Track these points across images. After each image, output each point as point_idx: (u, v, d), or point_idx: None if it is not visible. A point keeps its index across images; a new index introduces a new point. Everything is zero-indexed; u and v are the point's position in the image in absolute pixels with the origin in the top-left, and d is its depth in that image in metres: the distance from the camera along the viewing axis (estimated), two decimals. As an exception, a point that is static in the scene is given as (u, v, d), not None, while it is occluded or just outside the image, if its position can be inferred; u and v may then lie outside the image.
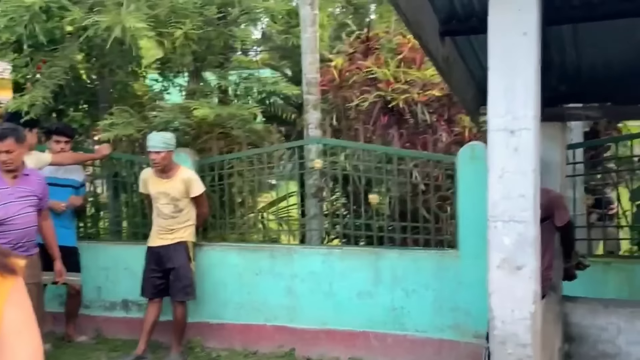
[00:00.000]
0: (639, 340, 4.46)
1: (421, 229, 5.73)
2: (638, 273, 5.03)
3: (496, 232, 2.52)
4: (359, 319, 5.75)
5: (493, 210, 2.53)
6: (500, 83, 2.52)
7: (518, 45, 2.48)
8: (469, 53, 4.30)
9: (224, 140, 6.66)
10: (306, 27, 6.49)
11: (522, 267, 2.50)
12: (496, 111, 2.53)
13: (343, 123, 6.73)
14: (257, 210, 6.81)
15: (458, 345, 5.48)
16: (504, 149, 2.51)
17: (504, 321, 2.54)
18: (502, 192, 2.51)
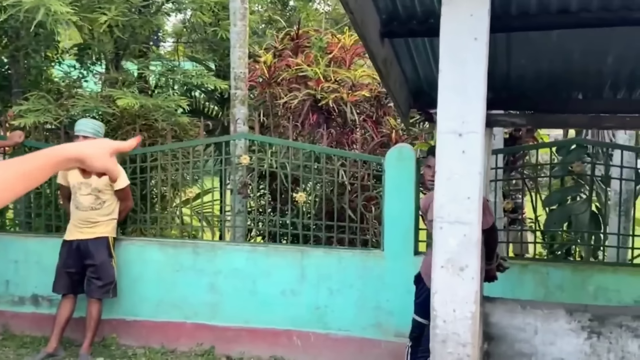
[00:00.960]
0: (554, 341, 4.64)
1: (347, 229, 5.76)
2: (552, 275, 5.26)
3: (442, 233, 2.56)
4: (282, 318, 5.73)
5: (440, 211, 2.57)
6: (450, 87, 2.56)
7: (469, 49, 2.53)
8: (405, 56, 4.36)
9: (147, 132, 6.47)
10: (236, 21, 6.40)
11: (465, 267, 2.55)
12: (446, 114, 2.57)
13: (270, 120, 6.68)
14: (179, 205, 6.66)
15: (379, 344, 5.56)
16: (452, 151, 2.55)
17: (446, 320, 2.58)
18: (449, 194, 2.55)
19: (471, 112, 2.54)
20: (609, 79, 4.57)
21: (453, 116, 2.56)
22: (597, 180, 6.47)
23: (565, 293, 5.19)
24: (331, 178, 5.88)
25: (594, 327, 4.51)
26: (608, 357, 4.52)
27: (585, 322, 4.53)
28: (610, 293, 5.14)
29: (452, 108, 2.56)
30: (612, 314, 4.50)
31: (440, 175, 2.59)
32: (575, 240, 6.51)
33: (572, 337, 4.54)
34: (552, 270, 5.29)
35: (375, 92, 6.34)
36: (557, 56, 4.22)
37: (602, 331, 4.52)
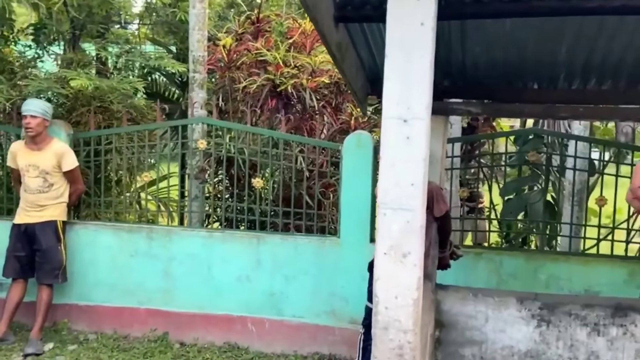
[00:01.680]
0: (504, 329, 4.69)
1: (304, 215, 5.74)
2: (506, 264, 5.30)
3: (385, 219, 2.54)
4: (237, 304, 5.70)
5: (383, 197, 2.55)
6: (396, 72, 2.54)
7: (415, 35, 2.51)
8: (361, 41, 4.33)
9: (102, 114, 6.34)
10: (195, 3, 6.30)
11: (407, 254, 2.54)
12: (391, 99, 2.55)
13: (229, 104, 6.60)
14: (134, 190, 6.55)
15: (334, 331, 5.56)
16: (397, 137, 2.52)
17: (388, 307, 2.57)
18: (393, 180, 2.53)
19: (416, 98, 2.52)
20: (564, 69, 4.59)
21: (397, 102, 2.54)
22: (552, 170, 6.56)
23: (518, 281, 5.24)
24: (289, 164, 5.84)
25: (544, 315, 4.57)
26: (557, 345, 4.58)
27: (536, 311, 4.58)
28: (562, 282, 5.21)
29: (397, 94, 2.54)
30: (561, 302, 4.55)
31: (384, 161, 2.57)
32: (530, 230, 6.58)
33: (522, 325, 4.59)
34: (505, 259, 5.34)
35: (335, 78, 6.30)
36: (511, 45, 4.22)
37: (551, 319, 4.57)
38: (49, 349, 5.46)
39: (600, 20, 3.65)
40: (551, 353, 4.60)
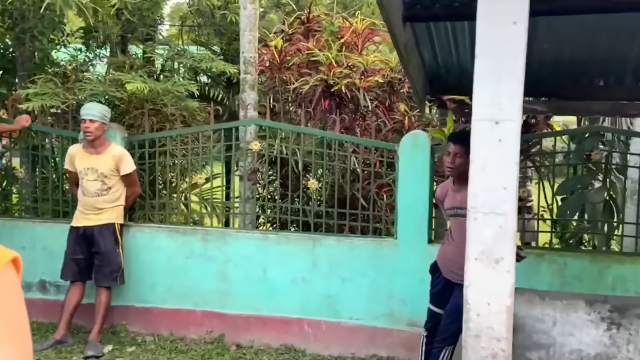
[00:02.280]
0: (572, 332, 4.56)
1: (359, 216, 5.68)
2: (570, 265, 5.18)
3: (476, 224, 2.48)
4: (293, 306, 5.67)
5: (473, 201, 2.48)
6: (486, 73, 2.47)
7: (507, 34, 2.44)
8: (425, 41, 4.27)
9: (155, 116, 6.36)
10: (246, 4, 6.28)
11: (500, 260, 2.47)
12: (481, 101, 2.48)
13: (280, 105, 6.57)
14: (185, 191, 6.57)
15: (392, 333, 5.50)
16: (488, 139, 2.46)
17: (480, 314, 2.51)
18: (484, 184, 2.47)
19: (508, 99, 2.45)
20: (632, 66, 4.48)
21: (489, 103, 2.47)
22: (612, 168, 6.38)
23: (583, 283, 5.11)
24: (343, 165, 5.79)
25: (614, 318, 4.44)
26: (627, 349, 4.45)
27: (605, 314, 4.45)
28: (629, 283, 5.07)
29: (488, 95, 2.47)
30: (632, 304, 4.42)
31: (474, 164, 2.50)
32: (587, 229, 6.42)
33: (591, 329, 4.47)
34: (569, 260, 5.21)
35: (387, 77, 6.23)
36: (579, 43, 4.13)
37: (622, 322, 4.44)
38: (108, 350, 5.50)
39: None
40: (621, 357, 4.48)
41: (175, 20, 8.71)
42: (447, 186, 4.67)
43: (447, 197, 4.60)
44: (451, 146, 4.32)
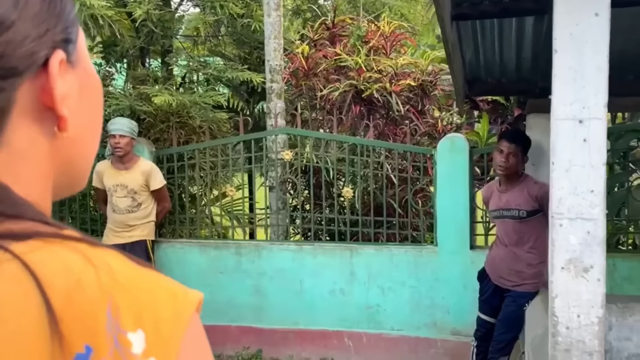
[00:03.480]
0: (629, 337, 4.37)
1: (397, 224, 5.52)
2: (619, 266, 5.01)
3: (561, 231, 2.32)
4: (332, 318, 5.52)
5: (558, 207, 2.32)
6: (568, 68, 2.31)
7: (589, 27, 2.28)
8: (468, 40, 4.12)
9: (182, 129, 6.22)
10: (270, 11, 6.15)
11: (589, 268, 2.31)
12: (563, 99, 2.32)
13: (308, 113, 6.43)
14: (212, 204, 6.42)
15: (435, 343, 5.34)
16: (572, 139, 2.30)
17: (569, 327, 2.34)
18: (569, 187, 2.30)
19: (592, 96, 2.29)
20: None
21: (571, 101, 2.31)
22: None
23: (634, 285, 4.94)
24: (377, 171, 5.63)
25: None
26: (689, 353, 4.29)
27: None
28: (683, 284, 4.90)
29: (570, 92, 2.31)
30: (692, 306, 4.26)
31: (557, 167, 2.34)
32: (626, 229, 6.24)
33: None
34: (618, 261, 5.04)
35: (419, 81, 6.08)
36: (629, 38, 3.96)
37: (682, 325, 4.28)
38: (145, 371, 5.33)
39: None
40: (682, 361, 4.32)
41: (189, 31, 8.55)
42: (492, 187, 4.51)
43: (492, 198, 4.45)
44: (505, 144, 4.15)
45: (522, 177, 4.30)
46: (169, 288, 0.61)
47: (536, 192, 4.21)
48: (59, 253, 0.55)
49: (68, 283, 0.54)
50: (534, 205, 4.21)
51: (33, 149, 0.61)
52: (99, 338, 0.53)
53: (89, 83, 0.65)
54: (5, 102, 0.56)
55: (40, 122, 0.60)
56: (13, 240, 0.54)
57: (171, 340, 0.57)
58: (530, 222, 4.21)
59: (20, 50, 0.56)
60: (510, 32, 3.97)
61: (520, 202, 4.21)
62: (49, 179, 0.63)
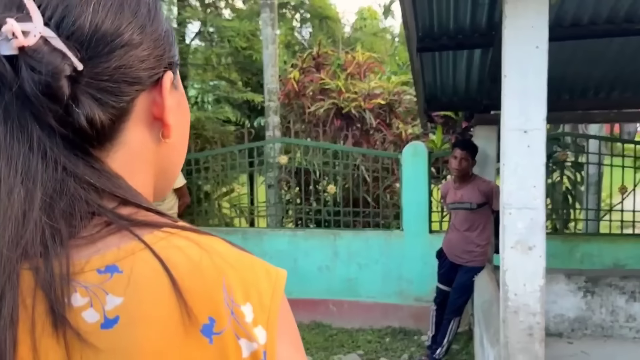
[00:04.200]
0: (555, 300, 4.45)
1: (371, 214, 5.52)
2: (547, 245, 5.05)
3: (511, 218, 2.33)
4: (319, 289, 5.49)
5: (508, 199, 2.34)
6: (514, 89, 2.33)
7: (531, 56, 2.29)
8: (429, 67, 4.12)
9: (197, 139, 6.16)
10: (268, 45, 6.11)
11: (533, 247, 2.33)
12: (511, 113, 2.34)
13: (299, 126, 6.39)
14: (226, 199, 6.37)
15: (402, 308, 5.34)
16: (518, 146, 2.31)
17: (517, 294, 2.36)
18: (516, 183, 2.32)
19: (535, 111, 2.31)
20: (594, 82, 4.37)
21: (518, 115, 2.32)
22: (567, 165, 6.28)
23: (557, 260, 4.99)
24: (354, 172, 5.63)
25: (589, 287, 4.34)
26: (600, 312, 4.34)
27: (582, 284, 4.35)
28: (594, 258, 4.97)
29: (517, 108, 2.33)
30: (603, 276, 4.32)
31: (507, 168, 2.35)
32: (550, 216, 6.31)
33: (570, 297, 4.36)
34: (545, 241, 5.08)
35: (387, 100, 6.08)
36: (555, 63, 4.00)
37: (595, 290, 4.34)
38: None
39: (635, 40, 3.42)
40: (596, 318, 4.37)
41: (200, 60, 8.48)
42: (449, 184, 4.54)
43: (449, 193, 4.47)
44: (458, 151, 4.18)
45: (472, 176, 4.33)
46: (264, 267, 0.60)
47: (484, 188, 4.25)
48: (177, 242, 0.54)
49: (188, 267, 0.52)
50: (482, 199, 4.25)
51: (145, 151, 0.59)
52: (219, 310, 0.52)
53: (183, 103, 0.64)
54: (128, 105, 0.56)
55: (150, 128, 0.59)
56: (146, 231, 0.53)
57: (271, 310, 0.56)
58: (479, 212, 4.25)
59: (144, 64, 0.56)
60: (462, 61, 3.98)
61: (471, 196, 4.24)
62: (152, 181, 0.62)
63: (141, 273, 0.51)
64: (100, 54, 0.53)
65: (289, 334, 0.59)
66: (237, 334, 0.52)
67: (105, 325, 0.49)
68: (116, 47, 0.53)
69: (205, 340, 0.50)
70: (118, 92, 0.54)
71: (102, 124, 0.53)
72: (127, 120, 0.56)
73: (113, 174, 0.55)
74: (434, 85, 4.51)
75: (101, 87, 0.53)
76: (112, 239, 0.52)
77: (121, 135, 0.56)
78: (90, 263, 0.51)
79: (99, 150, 0.55)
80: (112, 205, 0.53)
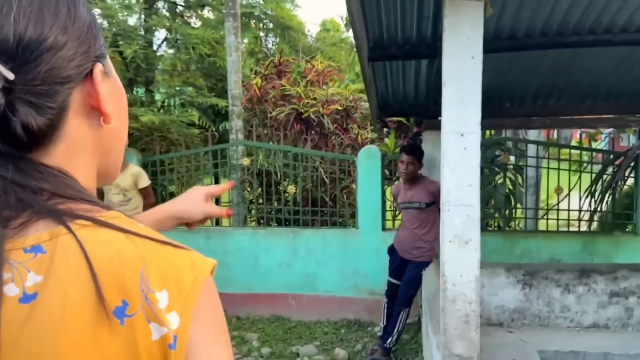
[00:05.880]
0: (496, 292, 4.56)
1: (328, 213, 5.57)
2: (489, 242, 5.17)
3: (449, 214, 2.40)
4: (279, 284, 5.50)
5: (447, 196, 2.41)
6: (453, 96, 2.40)
7: (467, 66, 2.37)
8: (380, 75, 4.19)
9: (162, 142, 6.09)
10: (231, 52, 6.10)
11: (469, 241, 2.40)
12: (450, 118, 2.41)
13: (261, 130, 6.39)
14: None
15: (357, 301, 5.40)
16: (456, 148, 2.39)
17: (455, 284, 2.43)
18: (454, 182, 2.39)
19: (471, 116, 2.38)
20: (532, 91, 4.52)
21: (455, 119, 2.40)
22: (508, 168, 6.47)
23: (499, 255, 5.14)
24: (313, 173, 5.67)
25: (527, 280, 4.47)
26: (538, 303, 4.48)
27: (520, 277, 4.47)
28: (533, 253, 5.12)
29: (455, 113, 2.40)
30: (540, 269, 4.46)
31: (445, 168, 2.43)
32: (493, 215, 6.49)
33: (510, 289, 4.48)
34: (487, 238, 5.21)
35: (344, 106, 6.15)
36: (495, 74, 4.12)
37: (533, 283, 4.47)
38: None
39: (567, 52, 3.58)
40: (533, 309, 4.51)
41: (167, 66, 8.37)
42: (399, 186, 4.61)
43: (400, 194, 4.55)
44: (404, 156, 4.26)
45: (420, 178, 4.42)
46: (190, 256, 0.60)
47: (432, 189, 4.34)
48: (103, 231, 0.56)
49: (109, 252, 0.54)
50: (431, 198, 4.34)
51: (85, 141, 0.61)
52: (133, 295, 0.53)
53: (118, 88, 0.66)
54: (63, 102, 0.57)
55: (88, 118, 0.61)
56: (71, 218, 0.55)
57: (189, 297, 0.56)
58: (427, 212, 4.34)
59: (72, 63, 0.57)
60: (411, 70, 4.07)
61: (421, 196, 4.33)
62: (94, 167, 0.64)
63: (62, 255, 0.53)
64: (29, 61, 0.53)
65: (208, 320, 0.59)
66: (148, 318, 0.53)
67: (23, 300, 0.51)
68: (43, 52, 0.54)
69: (116, 321, 0.52)
70: (52, 93, 0.55)
71: (39, 127, 0.55)
72: (65, 116, 0.58)
73: (48, 172, 0.56)
74: (385, 93, 4.58)
75: (35, 92, 0.54)
76: (40, 224, 0.54)
77: (60, 131, 0.57)
78: (17, 242, 0.53)
79: (37, 149, 0.56)
80: (44, 198, 0.55)
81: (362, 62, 3.28)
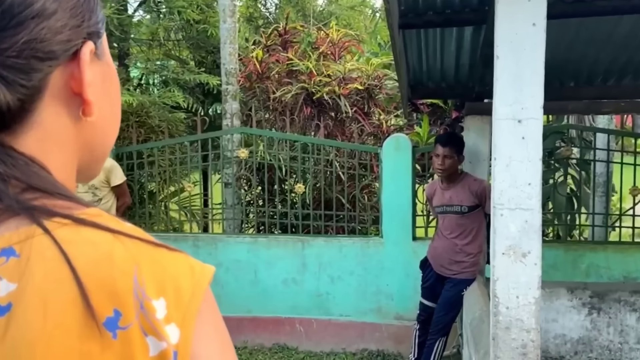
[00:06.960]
0: (556, 318, 4.57)
1: (346, 218, 5.58)
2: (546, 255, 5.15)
3: (502, 220, 2.39)
4: (284, 306, 5.53)
5: (499, 198, 2.40)
6: (508, 72, 2.39)
7: (527, 35, 2.36)
8: (413, 48, 4.19)
9: (141, 128, 6.12)
10: (225, 17, 6.11)
11: (527, 253, 2.39)
12: (503, 100, 2.39)
13: (262, 114, 6.41)
14: (174, 200, 6.34)
15: (380, 327, 5.41)
16: (511, 137, 2.38)
17: (509, 307, 2.42)
18: (509, 180, 2.38)
19: (530, 98, 2.37)
20: (603, 67, 4.49)
21: (511, 102, 2.38)
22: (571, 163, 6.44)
23: (558, 272, 5.12)
24: (326, 169, 5.68)
25: (594, 303, 4.46)
26: (608, 331, 4.47)
27: (586, 299, 4.47)
28: (602, 270, 5.11)
29: (510, 94, 2.39)
30: (610, 290, 4.45)
31: (498, 162, 2.41)
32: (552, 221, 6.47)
33: (573, 314, 4.48)
34: (544, 250, 5.19)
35: (365, 85, 6.15)
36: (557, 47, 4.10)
37: (602, 307, 4.46)
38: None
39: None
40: (602, 339, 4.50)
41: (145, 35, 8.40)
42: (435, 185, 4.61)
43: (436, 195, 4.54)
44: (440, 148, 4.26)
45: (461, 175, 4.41)
46: (188, 262, 0.62)
47: (476, 188, 4.34)
48: (85, 230, 0.57)
49: (94, 255, 0.55)
50: (475, 200, 4.34)
51: (62, 131, 0.62)
52: (127, 303, 0.54)
53: (111, 75, 0.66)
54: (40, 82, 0.57)
55: (68, 106, 0.61)
56: (47, 216, 0.56)
57: (190, 308, 0.58)
58: (470, 216, 4.33)
59: (59, 37, 0.57)
60: (451, 41, 4.05)
61: (462, 198, 4.32)
62: (74, 162, 0.64)
63: (39, 259, 0.53)
64: (7, 28, 0.54)
65: (212, 335, 0.62)
66: (144, 330, 0.54)
67: None
68: (25, 19, 0.54)
69: (108, 334, 0.52)
70: (28, 69, 0.55)
71: (9, 106, 0.55)
72: (40, 99, 0.58)
73: (20, 159, 0.57)
74: (419, 69, 4.57)
75: (7, 65, 0.54)
76: (11, 222, 0.55)
77: (33, 115, 0.58)
78: None
79: (6, 133, 0.57)
80: (16, 191, 0.56)
81: (391, 31, 3.27)
